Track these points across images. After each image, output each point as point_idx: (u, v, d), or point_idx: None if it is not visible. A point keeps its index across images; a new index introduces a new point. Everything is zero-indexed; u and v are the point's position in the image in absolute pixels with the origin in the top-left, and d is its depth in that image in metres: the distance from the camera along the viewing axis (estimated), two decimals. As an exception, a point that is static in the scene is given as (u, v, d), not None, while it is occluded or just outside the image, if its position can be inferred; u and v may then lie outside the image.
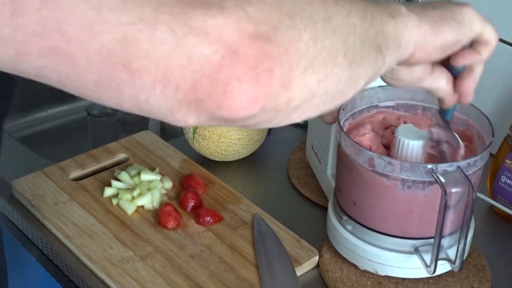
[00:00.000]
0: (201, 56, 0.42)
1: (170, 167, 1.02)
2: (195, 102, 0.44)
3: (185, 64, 0.42)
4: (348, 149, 0.79)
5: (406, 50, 0.58)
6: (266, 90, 0.45)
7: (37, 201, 0.94)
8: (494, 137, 0.79)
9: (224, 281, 0.83)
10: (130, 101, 0.44)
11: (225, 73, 0.43)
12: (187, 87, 0.43)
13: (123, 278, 0.83)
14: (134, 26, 0.41)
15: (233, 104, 0.45)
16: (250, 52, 0.44)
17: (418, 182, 0.75)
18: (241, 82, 0.44)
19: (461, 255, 0.78)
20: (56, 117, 1.40)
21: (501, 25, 1.03)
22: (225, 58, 0.43)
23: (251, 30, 0.44)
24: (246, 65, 0.44)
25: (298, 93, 0.48)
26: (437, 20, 0.60)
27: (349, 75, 0.51)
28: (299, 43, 0.46)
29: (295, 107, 0.49)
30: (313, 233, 0.92)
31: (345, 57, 0.50)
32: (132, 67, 0.42)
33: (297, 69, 0.47)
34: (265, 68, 0.45)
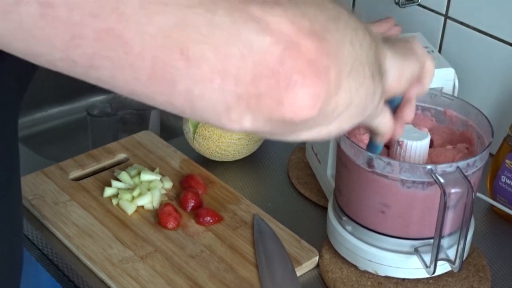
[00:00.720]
0: (263, 45, 0.40)
1: (170, 167, 1.02)
2: (255, 97, 0.42)
3: (245, 53, 0.40)
4: (348, 150, 0.79)
5: (386, 80, 0.56)
6: (327, 87, 0.44)
7: (37, 201, 0.94)
8: (493, 137, 0.79)
9: (224, 281, 0.83)
10: (183, 96, 0.41)
11: (287, 65, 0.41)
12: (247, 79, 0.41)
13: (123, 278, 0.83)
14: (192, 9, 0.39)
15: (296, 100, 0.42)
16: (311, 46, 0.42)
17: (417, 182, 0.75)
18: (303, 76, 0.42)
19: (461, 255, 0.78)
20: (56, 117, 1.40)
21: (501, 25, 1.03)
22: (287, 49, 0.41)
23: (308, 26, 0.42)
24: (307, 59, 0.42)
25: (343, 98, 0.46)
26: (403, 54, 0.60)
27: (372, 88, 0.50)
28: (344, 46, 0.46)
29: (338, 115, 0.48)
30: (313, 233, 0.92)
31: (369, 70, 0.49)
32: (189, 53, 0.39)
33: (344, 71, 0.45)
34: (324, 65, 0.43)
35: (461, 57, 1.08)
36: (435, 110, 0.87)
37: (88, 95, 1.42)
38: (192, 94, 0.41)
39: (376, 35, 0.56)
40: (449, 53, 1.08)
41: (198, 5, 0.39)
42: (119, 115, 1.35)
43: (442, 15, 1.10)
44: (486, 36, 1.05)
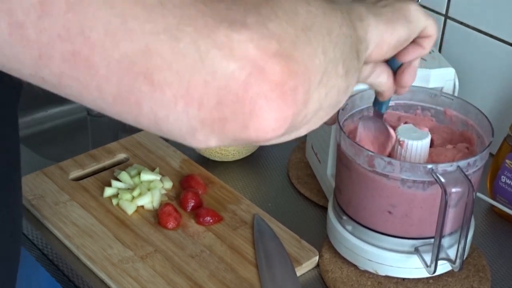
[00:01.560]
0: (227, 71, 0.41)
1: (170, 167, 1.02)
2: (219, 121, 0.42)
3: (209, 80, 0.41)
4: (348, 150, 0.79)
5: (368, 50, 0.58)
6: (294, 109, 0.44)
7: (37, 201, 0.94)
8: (494, 137, 0.79)
9: (224, 281, 0.83)
10: (149, 118, 0.42)
11: (252, 91, 0.41)
12: (211, 104, 0.41)
13: (123, 278, 0.83)
14: (157, 36, 0.40)
15: (261, 124, 0.43)
16: (276, 69, 0.42)
17: (418, 182, 0.75)
18: (268, 100, 0.42)
19: (461, 255, 0.78)
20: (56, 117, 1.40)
21: (501, 25, 1.03)
22: (252, 75, 0.41)
23: (275, 47, 0.42)
24: (274, 83, 0.42)
25: (312, 108, 0.47)
26: (390, 19, 0.61)
27: (345, 85, 0.51)
28: (315, 58, 0.46)
29: (306, 122, 0.48)
30: (313, 233, 0.92)
31: (343, 67, 0.50)
32: (153, 79, 0.40)
33: (314, 84, 0.46)
34: (291, 86, 0.43)
35: (461, 57, 1.08)
36: (435, 110, 0.87)
37: (88, 95, 1.41)
38: (157, 116, 0.42)
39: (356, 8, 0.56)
40: (449, 53, 1.08)
41: (162, 32, 0.40)
42: (119, 115, 1.34)
43: (442, 15, 1.10)
44: (486, 36, 1.05)
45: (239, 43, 0.41)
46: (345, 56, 0.50)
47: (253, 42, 0.41)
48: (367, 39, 0.57)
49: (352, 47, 0.52)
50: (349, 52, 0.51)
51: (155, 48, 0.40)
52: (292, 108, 0.44)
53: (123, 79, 0.40)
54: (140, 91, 0.41)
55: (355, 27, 0.54)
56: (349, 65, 0.51)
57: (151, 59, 0.40)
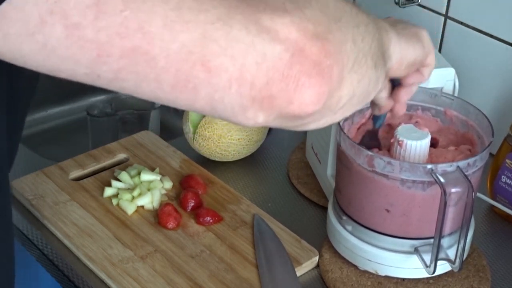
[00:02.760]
0: (274, 53, 0.45)
1: (170, 167, 1.02)
2: (268, 99, 0.46)
3: (259, 61, 0.44)
4: (348, 150, 0.79)
5: (390, 62, 0.61)
6: (330, 85, 0.48)
7: (37, 201, 0.94)
8: (494, 137, 0.79)
9: (224, 281, 0.83)
10: (204, 101, 0.46)
11: (295, 69, 0.46)
12: (261, 84, 0.45)
13: (123, 278, 0.83)
14: (212, 25, 0.43)
15: (303, 98, 0.47)
16: (314, 49, 0.46)
17: (417, 182, 0.75)
18: (309, 77, 0.46)
19: (461, 255, 0.78)
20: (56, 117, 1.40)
21: (501, 25, 1.03)
22: (294, 55, 0.45)
23: (312, 29, 0.46)
24: (312, 61, 0.46)
25: (346, 91, 0.51)
26: (409, 39, 0.64)
27: (375, 77, 0.55)
28: (346, 44, 0.50)
29: (342, 106, 0.52)
30: (313, 233, 0.92)
31: (372, 60, 0.54)
32: (210, 65, 0.43)
33: (347, 67, 0.50)
34: (327, 65, 0.47)
35: (461, 57, 1.08)
36: (435, 110, 0.87)
37: (88, 95, 1.42)
38: (213, 98, 0.45)
39: (381, 22, 0.60)
40: (449, 53, 1.08)
41: (216, 21, 0.43)
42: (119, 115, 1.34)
43: (442, 15, 1.10)
44: (486, 36, 1.05)
45: (282, 26, 0.45)
46: (373, 50, 0.54)
47: (294, 24, 0.46)
48: (390, 50, 0.60)
49: (379, 45, 0.56)
50: (376, 48, 0.55)
51: (210, 36, 0.43)
52: (328, 85, 0.48)
53: (182, 68, 0.43)
54: (197, 77, 0.44)
55: (381, 33, 0.57)
56: (377, 60, 0.55)
57: (208, 47, 0.43)
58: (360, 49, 0.52)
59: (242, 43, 0.43)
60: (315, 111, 0.48)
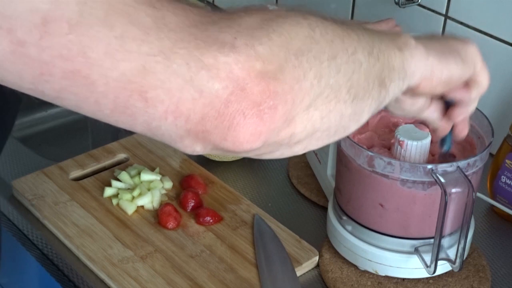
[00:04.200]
0: (212, 90, 0.44)
1: (170, 167, 1.02)
2: (202, 133, 0.46)
3: (196, 97, 0.44)
4: (348, 150, 0.79)
5: (411, 80, 0.59)
6: (269, 126, 0.47)
7: (37, 201, 0.94)
8: (494, 137, 0.79)
9: (224, 281, 0.83)
10: (143, 126, 0.46)
11: (232, 108, 0.45)
12: (196, 119, 0.45)
13: (123, 278, 0.83)
14: (153, 57, 0.43)
15: (237, 137, 0.47)
16: (256, 89, 0.46)
17: (418, 182, 0.75)
18: (245, 117, 0.46)
19: (461, 255, 0.78)
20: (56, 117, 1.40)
21: (501, 25, 1.03)
22: (233, 94, 0.45)
23: (259, 68, 0.46)
24: (252, 101, 0.46)
25: (301, 128, 0.50)
26: (444, 54, 0.61)
27: (352, 111, 0.53)
28: (304, 81, 0.48)
29: (298, 141, 0.51)
30: (313, 233, 0.92)
31: (348, 93, 0.52)
32: (147, 96, 0.44)
33: (300, 106, 0.49)
34: (269, 105, 0.47)
35: (461, 57, 1.07)
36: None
37: (88, 95, 1.41)
38: (151, 126, 0.46)
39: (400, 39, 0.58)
40: (449, 53, 1.08)
41: (158, 53, 0.43)
42: (119, 115, 1.34)
43: (442, 15, 1.10)
44: (486, 36, 1.05)
45: (225, 65, 0.45)
46: (354, 82, 0.52)
47: (238, 63, 0.45)
48: (405, 69, 0.58)
49: (369, 74, 0.54)
50: (362, 79, 0.53)
51: (150, 68, 0.43)
52: (268, 125, 0.47)
53: (120, 95, 0.44)
54: (135, 106, 0.44)
55: (384, 55, 0.55)
56: (360, 92, 0.53)
57: (146, 78, 0.43)
58: (328, 85, 0.50)
59: (180, 78, 0.44)
60: (254, 149, 0.48)
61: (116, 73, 0.42)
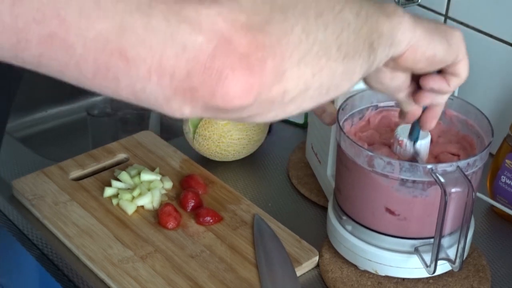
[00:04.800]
0: (195, 44, 0.43)
1: (170, 167, 1.02)
2: (189, 90, 0.45)
3: (179, 53, 0.43)
4: (348, 150, 0.79)
5: (398, 48, 0.59)
6: (260, 79, 0.46)
7: (37, 201, 0.94)
8: (493, 137, 0.79)
9: (224, 281, 0.83)
10: (127, 90, 0.45)
11: (219, 61, 0.44)
12: (181, 75, 0.44)
13: (123, 278, 0.83)
14: (130, 14, 0.42)
15: (227, 92, 0.45)
16: (243, 41, 0.44)
17: (417, 182, 0.75)
18: (234, 70, 0.44)
19: (461, 255, 0.78)
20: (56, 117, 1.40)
21: (501, 25, 1.03)
22: (218, 47, 0.43)
23: (244, 20, 0.44)
24: (239, 54, 0.44)
25: (293, 85, 0.49)
26: (430, 31, 0.61)
27: (344, 69, 0.52)
28: (291, 35, 0.47)
29: (291, 100, 0.50)
30: (313, 233, 0.92)
31: (338, 51, 0.51)
32: (128, 55, 0.43)
33: (289, 61, 0.47)
34: (258, 57, 0.45)
35: (461, 57, 1.07)
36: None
37: (88, 95, 1.41)
38: (135, 89, 0.45)
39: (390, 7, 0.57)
40: (449, 53, 1.08)
41: (135, 10, 0.42)
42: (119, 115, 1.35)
43: (442, 15, 1.10)
44: (486, 36, 1.05)
45: (207, 17, 0.43)
46: (344, 40, 0.51)
47: (222, 15, 0.44)
48: (392, 36, 0.57)
49: (358, 35, 0.53)
50: (352, 38, 0.52)
51: (128, 25, 0.42)
52: (259, 78, 0.46)
53: (100, 56, 0.43)
54: (116, 67, 0.43)
55: (372, 19, 0.55)
56: (350, 51, 0.52)
57: (125, 37, 0.42)
58: (317, 41, 0.49)
59: (161, 34, 0.42)
60: (246, 105, 0.47)
61: (93, 33, 0.41)
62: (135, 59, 0.43)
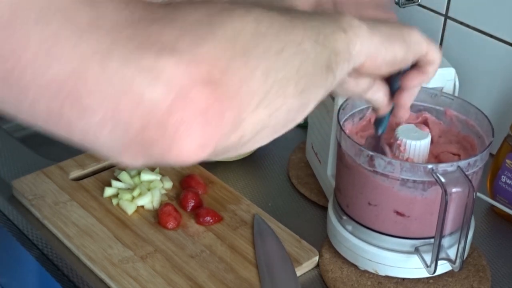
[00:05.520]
0: (152, 98, 0.41)
1: (170, 167, 1.02)
2: (143, 144, 0.43)
3: (134, 105, 0.41)
4: (348, 149, 0.79)
5: (357, 60, 0.58)
6: (218, 133, 0.44)
7: (37, 201, 0.94)
8: (494, 137, 0.79)
9: (224, 281, 0.83)
10: (79, 138, 0.43)
11: (175, 117, 0.42)
12: (136, 128, 0.42)
13: (123, 278, 0.83)
14: (87, 59, 0.40)
15: (182, 149, 0.43)
16: (201, 96, 0.42)
17: (418, 182, 0.75)
18: (191, 127, 0.42)
19: (461, 255, 0.78)
20: (56, 117, 1.39)
21: (501, 25, 1.03)
22: (176, 101, 0.41)
23: (204, 72, 0.42)
24: (197, 110, 0.42)
25: (249, 130, 0.47)
26: (388, 36, 0.61)
27: (300, 103, 0.51)
28: (251, 82, 0.45)
29: (246, 142, 0.49)
30: (313, 233, 0.92)
31: (296, 87, 0.50)
32: (82, 102, 0.41)
33: (248, 109, 0.46)
34: (216, 112, 0.43)
35: (461, 57, 1.08)
36: (435, 110, 0.87)
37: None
38: (87, 136, 0.42)
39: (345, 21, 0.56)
40: (449, 53, 1.08)
41: (93, 55, 0.40)
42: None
43: (442, 15, 1.10)
44: (486, 36, 1.05)
45: (166, 69, 0.41)
46: (302, 73, 0.50)
47: (181, 68, 0.41)
48: (350, 50, 0.57)
49: (316, 63, 0.52)
50: (310, 69, 0.51)
51: (83, 72, 0.40)
52: (216, 133, 0.44)
53: (53, 101, 0.41)
54: (69, 113, 0.41)
55: (330, 40, 0.54)
56: (308, 83, 0.51)
57: (80, 82, 0.40)
58: (276, 81, 0.47)
59: (117, 83, 0.40)
60: (200, 159, 0.45)
61: (48, 76, 0.39)
62: (89, 107, 0.41)
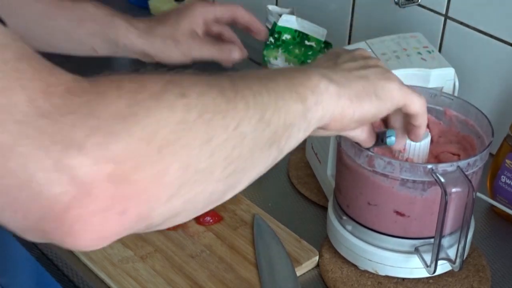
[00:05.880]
0: (50, 194, 0.41)
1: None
2: (41, 232, 0.44)
3: (34, 199, 0.41)
4: (348, 149, 0.79)
5: (320, 123, 0.59)
6: (116, 230, 0.45)
7: (37, 201, 0.93)
8: (494, 137, 0.79)
9: (224, 281, 0.83)
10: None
11: (72, 214, 0.42)
12: (34, 218, 0.42)
13: (123, 278, 0.83)
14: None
15: (77, 242, 0.44)
16: (104, 194, 0.42)
17: (418, 182, 0.75)
18: (86, 224, 0.43)
19: (461, 254, 0.78)
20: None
21: (501, 25, 1.03)
22: (76, 198, 0.42)
23: (109, 171, 0.42)
24: (97, 207, 0.42)
25: (159, 219, 0.47)
26: (358, 94, 0.61)
27: (226, 186, 0.51)
28: (165, 177, 0.45)
29: (158, 225, 0.49)
30: (313, 233, 0.92)
31: (224, 172, 0.49)
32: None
33: (158, 203, 0.46)
34: (118, 210, 0.43)
35: (461, 57, 1.08)
36: (435, 110, 0.87)
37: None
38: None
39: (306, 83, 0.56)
40: (449, 53, 1.08)
41: None
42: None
43: (442, 15, 1.10)
44: (486, 36, 1.05)
45: (68, 168, 0.41)
46: (234, 158, 0.50)
47: (84, 167, 0.41)
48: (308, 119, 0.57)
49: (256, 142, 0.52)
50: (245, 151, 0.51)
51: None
52: (117, 228, 0.44)
53: None
54: None
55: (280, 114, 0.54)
56: (240, 165, 0.51)
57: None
58: (198, 171, 0.47)
59: (18, 177, 0.41)
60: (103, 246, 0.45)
61: None
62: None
